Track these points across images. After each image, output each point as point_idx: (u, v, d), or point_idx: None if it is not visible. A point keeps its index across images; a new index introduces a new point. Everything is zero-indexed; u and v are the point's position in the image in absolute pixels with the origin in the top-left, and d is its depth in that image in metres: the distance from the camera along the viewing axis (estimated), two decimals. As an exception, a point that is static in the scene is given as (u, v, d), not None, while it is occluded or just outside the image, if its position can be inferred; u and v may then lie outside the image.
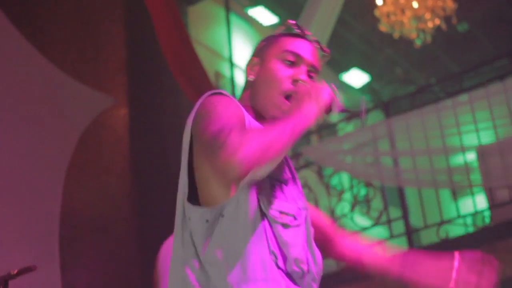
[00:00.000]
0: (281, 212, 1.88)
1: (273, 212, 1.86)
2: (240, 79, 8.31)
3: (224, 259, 1.80)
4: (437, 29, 7.70)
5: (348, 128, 6.77)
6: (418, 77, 10.71)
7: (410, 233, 5.86)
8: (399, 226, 6.11)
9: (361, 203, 6.47)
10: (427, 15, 7.56)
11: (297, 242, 1.88)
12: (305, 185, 6.62)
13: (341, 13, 6.94)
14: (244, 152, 1.67)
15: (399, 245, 6.10)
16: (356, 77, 10.56)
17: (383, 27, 7.76)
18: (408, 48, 8.92)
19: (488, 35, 9.77)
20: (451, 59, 10.23)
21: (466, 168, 5.80)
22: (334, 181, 6.94)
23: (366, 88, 10.67)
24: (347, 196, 6.60)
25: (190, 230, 1.87)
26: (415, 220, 6.23)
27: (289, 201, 1.93)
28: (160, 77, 7.05)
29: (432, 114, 5.81)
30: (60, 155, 5.77)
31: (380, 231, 6.71)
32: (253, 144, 1.69)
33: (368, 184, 6.38)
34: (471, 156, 6.17)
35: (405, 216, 6.01)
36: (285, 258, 1.84)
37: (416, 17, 7.58)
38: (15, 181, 5.31)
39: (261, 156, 1.70)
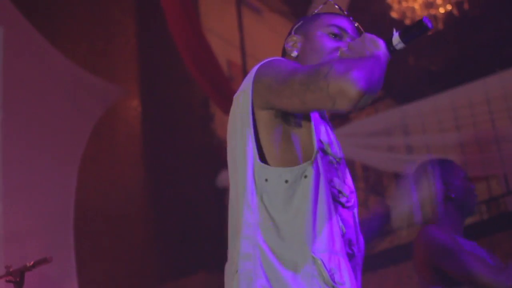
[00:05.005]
0: (339, 191, 1.90)
1: (334, 190, 1.87)
2: (251, 67, 8.29)
3: (304, 223, 1.76)
4: (449, 14, 7.65)
5: (361, 116, 6.75)
6: (430, 64, 10.65)
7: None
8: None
9: (376, 192, 6.46)
10: (439, 1, 7.51)
11: (350, 223, 1.90)
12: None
13: (352, 0, 6.90)
14: (356, 72, 1.63)
15: (414, 233, 6.09)
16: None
17: (395, 13, 7.72)
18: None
19: (500, 20, 9.69)
20: (464, 45, 10.16)
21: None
22: (348, 169, 6.93)
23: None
24: (361, 185, 6.59)
25: (261, 193, 1.81)
26: (429, 207, 6.21)
27: (345, 182, 1.94)
28: (172, 67, 7.04)
29: (445, 102, 5.78)
30: (74, 147, 5.78)
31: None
32: (360, 66, 1.66)
33: (382, 173, 6.37)
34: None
35: (419, 204, 5.99)
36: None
37: (427, 3, 7.54)
38: (30, 173, 5.33)
39: (370, 79, 1.66)
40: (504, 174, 5.58)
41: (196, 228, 6.73)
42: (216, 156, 6.73)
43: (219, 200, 7.08)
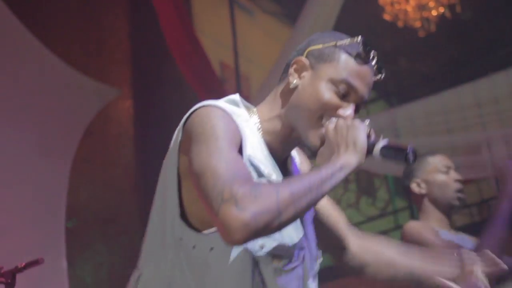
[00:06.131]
0: (273, 256, 1.66)
1: (263, 254, 1.65)
2: (244, 69, 8.30)
3: None
4: (441, 17, 7.68)
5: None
6: (422, 66, 10.68)
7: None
8: (405, 217, 6.12)
9: (367, 194, 6.48)
10: (431, 4, 7.53)
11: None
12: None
13: (345, 2, 6.92)
14: (252, 214, 1.41)
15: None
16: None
17: (387, 15, 7.74)
18: (413, 37, 8.89)
19: (492, 23, 9.73)
20: (455, 48, 10.19)
21: (471, 157, 5.78)
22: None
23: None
24: (353, 186, 6.61)
25: (179, 251, 1.67)
26: (421, 210, 6.22)
27: (285, 240, 1.68)
28: (165, 68, 7.04)
29: (436, 104, 5.80)
30: (66, 148, 5.78)
31: (386, 222, 6.72)
32: (264, 204, 1.43)
33: (373, 175, 6.39)
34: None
35: (410, 206, 6.02)
36: None
37: (420, 5, 7.56)
38: (21, 174, 5.32)
39: (270, 221, 1.44)
40: (494, 177, 5.61)
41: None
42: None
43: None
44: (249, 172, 1.59)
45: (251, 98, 7.14)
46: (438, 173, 3.27)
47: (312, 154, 1.77)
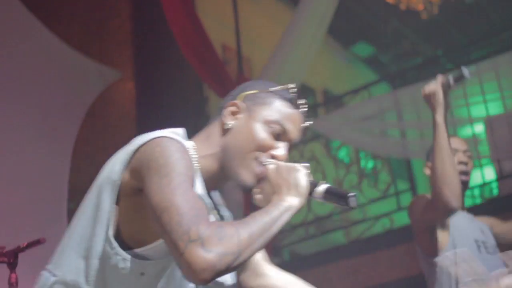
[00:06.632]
0: None
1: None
2: (246, 51, 8.28)
3: None
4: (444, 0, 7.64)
5: (355, 100, 6.75)
6: (425, 49, 10.65)
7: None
8: (406, 198, 6.11)
9: (369, 176, 6.47)
10: (434, -14, 7.50)
11: None
12: (313, 158, 6.62)
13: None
14: (216, 256, 1.47)
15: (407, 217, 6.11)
16: (362, 50, 10.51)
17: (390, -2, 7.70)
18: (415, 19, 8.86)
19: (495, 6, 9.69)
20: (458, 30, 10.16)
21: (474, 139, 5.78)
22: (342, 153, 6.94)
23: (372, 60, 10.63)
24: (355, 168, 6.60)
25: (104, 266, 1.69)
26: (423, 192, 6.21)
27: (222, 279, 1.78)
28: (167, 50, 7.02)
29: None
30: (67, 129, 5.77)
31: (388, 204, 6.72)
32: (227, 246, 1.49)
33: (375, 157, 6.38)
34: (479, 128, 6.15)
35: (412, 188, 6.01)
36: None
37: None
38: (23, 155, 5.32)
39: (232, 261, 1.50)
40: (497, 159, 5.60)
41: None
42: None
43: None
44: (207, 211, 1.63)
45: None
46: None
47: (244, 191, 1.84)
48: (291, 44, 6.36)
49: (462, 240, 3.16)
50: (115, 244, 1.67)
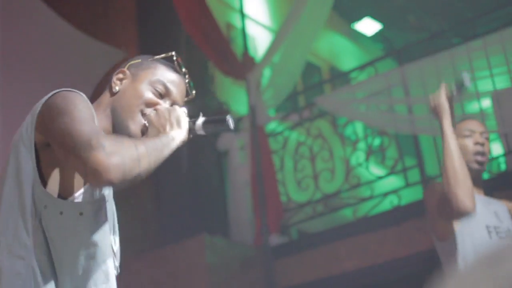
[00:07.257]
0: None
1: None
2: (252, 30, 8.24)
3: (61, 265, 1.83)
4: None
5: (361, 76, 6.72)
6: (431, 23, 10.58)
7: (426, 182, 5.83)
8: (414, 175, 6.09)
9: (376, 152, 6.45)
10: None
11: None
12: (319, 135, 6.61)
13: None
14: (119, 158, 1.67)
15: (415, 194, 6.10)
16: (368, 26, 10.45)
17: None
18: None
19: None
20: (464, 4, 10.08)
21: (481, 114, 5.74)
22: (349, 130, 6.92)
23: (378, 36, 10.56)
24: (362, 145, 6.58)
25: (40, 217, 1.82)
26: (430, 168, 6.20)
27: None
28: (172, 29, 7.00)
29: (445, 61, 5.73)
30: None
31: (395, 180, 6.70)
32: (127, 152, 1.70)
33: (382, 133, 6.35)
34: (486, 102, 6.11)
35: (420, 164, 5.98)
36: None
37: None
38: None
39: (134, 166, 1.70)
40: (504, 134, 5.57)
41: (197, 191, 6.74)
42: (216, 119, 6.70)
43: (219, 163, 7.08)
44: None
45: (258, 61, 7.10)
46: (460, 137, 3.29)
47: None
48: (297, 22, 6.33)
49: (471, 227, 3.14)
50: (47, 194, 1.80)
